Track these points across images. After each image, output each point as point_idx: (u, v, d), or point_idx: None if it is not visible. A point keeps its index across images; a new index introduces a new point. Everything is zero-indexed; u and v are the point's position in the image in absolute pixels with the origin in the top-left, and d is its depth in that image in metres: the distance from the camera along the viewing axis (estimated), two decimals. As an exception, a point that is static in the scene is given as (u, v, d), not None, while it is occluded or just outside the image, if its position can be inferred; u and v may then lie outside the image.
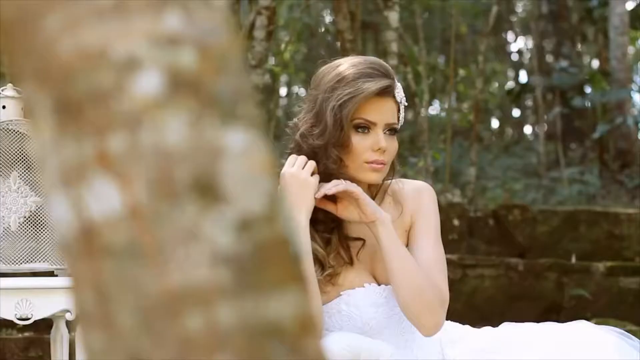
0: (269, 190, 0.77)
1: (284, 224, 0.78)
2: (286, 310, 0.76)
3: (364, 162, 2.13)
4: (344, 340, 2.10)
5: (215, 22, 0.79)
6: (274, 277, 0.76)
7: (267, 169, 0.78)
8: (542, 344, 2.29)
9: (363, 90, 2.10)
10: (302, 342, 0.76)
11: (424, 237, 2.22)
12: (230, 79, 0.78)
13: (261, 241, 0.76)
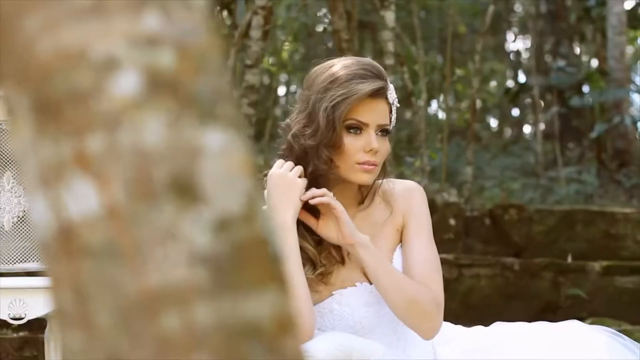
0: (247, 190, 0.77)
1: (262, 224, 0.78)
2: (264, 310, 0.76)
3: (356, 163, 2.14)
4: (336, 340, 2.10)
5: (195, 23, 0.79)
6: (252, 277, 0.76)
7: (246, 169, 0.78)
8: (534, 344, 2.29)
9: (356, 91, 2.11)
10: (281, 342, 0.77)
11: (416, 237, 2.22)
12: (209, 79, 0.78)
13: (239, 241, 0.76)
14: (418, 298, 2.12)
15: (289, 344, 0.77)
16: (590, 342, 2.30)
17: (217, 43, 0.80)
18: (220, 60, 0.80)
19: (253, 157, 0.80)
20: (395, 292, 2.11)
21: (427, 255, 2.21)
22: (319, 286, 2.22)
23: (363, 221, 2.25)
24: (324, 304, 2.22)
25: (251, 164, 0.79)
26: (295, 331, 0.78)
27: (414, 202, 2.25)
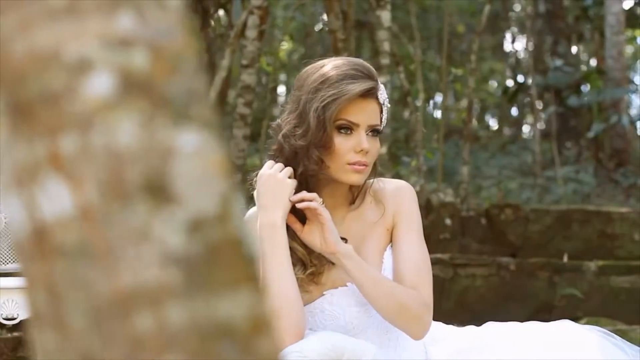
0: (221, 190, 0.78)
1: (237, 224, 0.78)
2: (238, 311, 0.76)
3: (346, 163, 2.14)
4: (327, 340, 2.10)
5: (169, 23, 0.79)
6: (225, 278, 0.76)
7: (220, 169, 0.78)
8: (525, 344, 2.30)
9: (346, 91, 2.11)
10: (254, 342, 0.77)
11: (406, 237, 2.22)
12: (183, 80, 0.78)
13: (213, 242, 0.76)
14: (406, 303, 2.12)
15: (264, 344, 0.77)
16: (582, 341, 2.30)
17: (192, 44, 0.80)
18: (196, 61, 0.81)
19: (228, 158, 0.80)
20: (383, 300, 2.12)
21: (416, 256, 2.21)
22: (310, 286, 2.22)
23: (354, 221, 2.25)
24: (315, 304, 2.23)
25: (226, 164, 0.79)
26: (270, 331, 0.78)
27: (404, 201, 2.25)
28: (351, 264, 2.12)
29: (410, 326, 2.15)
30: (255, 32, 4.89)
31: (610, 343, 2.38)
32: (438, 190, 5.57)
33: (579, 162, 10.34)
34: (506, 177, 10.02)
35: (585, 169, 9.82)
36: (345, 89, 2.11)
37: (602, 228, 5.46)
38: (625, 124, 9.37)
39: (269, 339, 0.78)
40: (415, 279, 2.17)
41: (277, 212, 2.12)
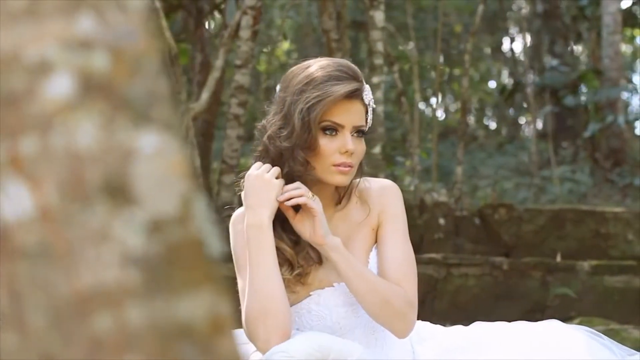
0: (182, 192, 0.78)
1: (198, 225, 0.79)
2: (198, 311, 0.76)
3: (331, 164, 2.14)
4: (313, 339, 2.10)
5: (131, 26, 0.79)
6: (185, 278, 0.77)
7: (181, 170, 0.79)
8: (513, 344, 2.30)
9: (331, 93, 2.11)
10: (214, 342, 0.77)
11: (391, 236, 2.23)
12: (144, 82, 0.79)
13: (173, 242, 0.77)
14: (391, 299, 2.13)
15: (224, 345, 0.78)
16: (569, 341, 2.31)
17: (154, 46, 0.81)
18: (158, 63, 0.81)
19: (189, 159, 0.80)
20: (368, 294, 2.12)
21: (401, 254, 2.21)
22: (297, 286, 2.23)
23: (340, 222, 2.26)
24: (301, 305, 2.23)
25: (187, 166, 0.80)
26: (230, 331, 0.79)
27: (389, 200, 2.26)
28: (338, 257, 2.12)
29: (394, 323, 2.15)
30: (249, 33, 4.90)
31: (597, 343, 2.39)
32: (432, 190, 5.57)
33: (576, 162, 10.35)
34: (502, 177, 10.02)
35: (582, 169, 9.83)
36: (330, 90, 2.12)
37: (596, 228, 5.46)
38: (621, 124, 9.37)
39: (229, 339, 0.78)
40: (400, 277, 2.18)
41: (264, 212, 2.12)
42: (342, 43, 5.28)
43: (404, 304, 2.15)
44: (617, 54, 9.92)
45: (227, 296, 0.80)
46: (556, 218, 5.42)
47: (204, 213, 0.81)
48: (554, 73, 10.83)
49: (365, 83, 2.22)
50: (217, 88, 5.36)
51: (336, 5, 5.21)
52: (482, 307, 4.78)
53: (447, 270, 4.77)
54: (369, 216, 2.25)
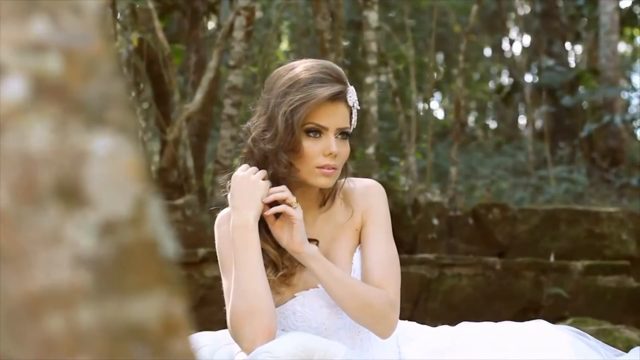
0: (136, 193, 0.78)
1: (152, 227, 0.79)
2: (150, 313, 0.77)
3: (315, 167, 2.15)
4: (297, 340, 2.11)
5: (85, 28, 0.80)
6: (138, 280, 0.77)
7: (135, 173, 0.79)
8: (499, 344, 2.31)
9: (314, 95, 2.11)
10: (167, 343, 0.77)
11: (374, 236, 2.23)
12: (98, 85, 0.79)
13: (126, 244, 0.77)
14: (371, 302, 2.14)
15: (177, 346, 0.78)
16: (556, 342, 2.32)
17: (109, 48, 0.81)
18: (113, 66, 0.81)
19: (144, 161, 0.81)
20: (348, 299, 2.13)
21: (383, 254, 2.22)
22: (282, 287, 2.23)
23: (324, 223, 2.26)
24: (286, 306, 2.24)
25: (141, 168, 0.80)
26: (184, 333, 0.79)
27: (373, 200, 2.26)
28: (316, 265, 2.13)
29: (375, 325, 2.16)
30: (242, 33, 4.90)
31: (583, 343, 2.39)
32: (426, 190, 5.57)
33: (573, 162, 10.35)
34: (500, 177, 10.02)
35: (579, 169, 9.83)
36: (314, 93, 2.12)
37: (590, 228, 5.46)
38: (618, 124, 9.36)
39: (183, 340, 0.79)
40: (382, 277, 2.18)
41: (250, 213, 2.13)
42: (336, 44, 5.28)
43: (385, 305, 2.15)
44: (614, 53, 9.92)
45: (182, 297, 0.80)
46: (550, 218, 5.42)
47: (159, 215, 0.81)
48: (551, 73, 10.83)
49: (350, 85, 2.22)
50: (212, 89, 5.36)
51: (330, 5, 5.21)
52: (475, 307, 4.78)
53: (440, 270, 4.77)
54: (352, 217, 2.25)
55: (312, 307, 2.23)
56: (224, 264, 2.22)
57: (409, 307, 4.71)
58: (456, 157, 5.74)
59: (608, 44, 9.84)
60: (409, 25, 7.60)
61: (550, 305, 4.92)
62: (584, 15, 11.12)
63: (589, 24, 11.22)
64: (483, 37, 15.65)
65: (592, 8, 10.75)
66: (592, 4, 10.71)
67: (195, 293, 4.37)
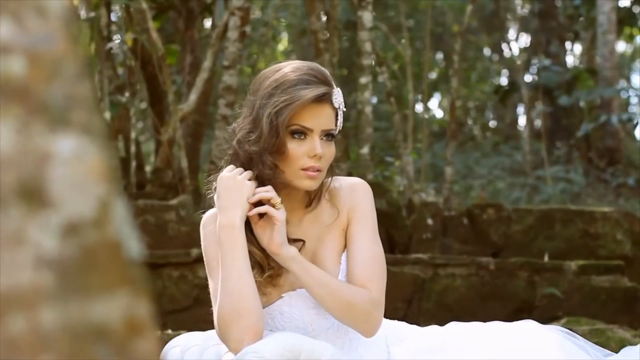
0: (99, 195, 0.79)
1: (116, 228, 0.80)
2: (113, 313, 0.77)
3: (300, 168, 2.15)
4: (283, 340, 2.11)
5: (49, 30, 0.80)
6: (101, 281, 0.78)
7: (99, 174, 0.80)
8: (487, 344, 2.31)
9: (299, 97, 2.12)
10: (130, 344, 0.78)
11: (359, 235, 2.23)
12: (62, 86, 0.80)
13: (89, 245, 0.77)
14: (353, 302, 2.14)
15: (141, 346, 0.79)
16: (544, 342, 2.32)
17: (74, 50, 0.82)
18: (77, 68, 0.82)
19: (109, 162, 0.81)
20: (329, 300, 2.14)
21: (367, 254, 2.22)
22: (268, 288, 2.23)
23: (311, 224, 2.26)
24: (273, 306, 2.24)
25: (105, 169, 0.80)
26: (148, 333, 0.80)
27: (357, 198, 2.26)
28: (295, 266, 2.14)
29: (358, 324, 2.17)
30: (237, 34, 4.90)
31: (572, 343, 2.39)
32: (420, 190, 5.58)
33: (570, 162, 10.36)
34: (496, 177, 10.03)
35: (576, 169, 9.84)
36: (298, 94, 2.12)
37: (585, 227, 5.46)
38: (614, 123, 9.37)
39: (147, 340, 0.79)
40: (366, 276, 2.18)
41: (236, 213, 2.13)
42: (330, 44, 5.29)
43: (368, 305, 2.16)
44: (611, 53, 9.92)
45: (146, 298, 0.81)
46: (545, 218, 5.42)
47: (123, 216, 0.82)
48: (548, 73, 10.83)
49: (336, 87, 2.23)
50: (207, 89, 5.37)
51: (324, 6, 5.21)
52: (469, 307, 4.78)
53: (434, 270, 4.77)
54: (339, 217, 2.25)
55: (298, 307, 2.23)
56: (210, 265, 2.22)
57: (402, 307, 4.71)
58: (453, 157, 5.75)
59: (605, 44, 9.85)
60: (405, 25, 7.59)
61: (544, 305, 4.92)
62: (582, 15, 11.12)
63: (587, 23, 11.21)
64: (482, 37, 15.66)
65: (590, 8, 10.75)
66: (589, 3, 10.71)
67: (188, 293, 4.37)
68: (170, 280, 4.43)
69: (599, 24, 9.93)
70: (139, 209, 4.62)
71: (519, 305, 4.90)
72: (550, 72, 10.77)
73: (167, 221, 4.60)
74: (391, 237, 5.06)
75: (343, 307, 2.14)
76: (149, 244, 4.61)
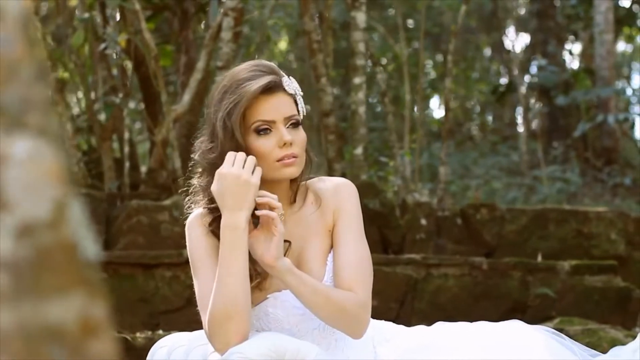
0: (55, 196, 0.79)
1: (72, 229, 0.80)
2: (68, 314, 0.78)
3: (275, 160, 2.15)
4: (268, 340, 2.11)
5: (6, 33, 0.81)
6: (56, 282, 0.78)
7: (55, 176, 0.80)
8: (473, 344, 2.31)
9: (245, 92, 2.11)
10: (85, 345, 0.78)
11: (344, 237, 2.22)
12: (19, 89, 0.80)
13: (43, 247, 0.78)
14: (344, 307, 2.14)
15: (95, 347, 0.79)
16: (530, 342, 2.32)
17: (31, 53, 0.82)
18: (35, 70, 0.82)
19: (65, 164, 0.82)
20: (323, 307, 2.13)
21: (353, 255, 2.21)
22: (254, 293, 2.23)
23: (296, 224, 2.25)
24: (259, 307, 2.24)
25: (61, 171, 0.81)
26: (103, 334, 0.80)
27: (343, 199, 2.25)
28: (291, 278, 2.12)
29: (349, 327, 2.17)
30: (230, 34, 4.91)
31: (558, 343, 2.39)
32: (414, 190, 5.59)
33: (567, 162, 10.36)
34: (493, 177, 10.03)
35: (572, 169, 9.84)
36: (244, 90, 2.12)
37: (579, 227, 5.47)
38: (610, 123, 9.37)
39: (102, 341, 0.80)
40: (351, 279, 2.18)
41: (242, 214, 2.09)
42: (324, 44, 5.30)
43: (358, 308, 2.16)
44: (608, 53, 9.92)
45: (101, 298, 0.81)
46: (539, 218, 5.42)
47: (79, 217, 0.82)
48: (546, 73, 10.84)
49: (285, 76, 2.21)
50: (201, 90, 5.37)
51: (318, 6, 5.22)
52: (461, 307, 4.79)
53: (427, 270, 4.78)
54: (323, 218, 2.25)
55: (284, 308, 2.23)
56: (196, 267, 2.22)
57: (395, 307, 4.72)
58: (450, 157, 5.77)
59: (602, 44, 9.85)
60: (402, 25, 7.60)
61: (537, 305, 4.92)
62: (580, 15, 11.13)
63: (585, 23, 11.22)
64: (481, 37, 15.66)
65: (588, 8, 10.75)
66: (586, 3, 10.71)
67: (181, 294, 4.38)
68: (163, 280, 4.43)
69: (596, 23, 9.93)
70: (132, 210, 4.63)
71: (512, 305, 4.90)
72: (546, 72, 10.78)
73: (160, 222, 4.61)
74: (385, 237, 5.06)
75: (335, 313, 2.14)
76: (142, 244, 4.61)
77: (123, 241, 4.61)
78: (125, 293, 4.35)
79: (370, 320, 2.36)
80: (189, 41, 5.81)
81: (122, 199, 4.95)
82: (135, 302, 4.37)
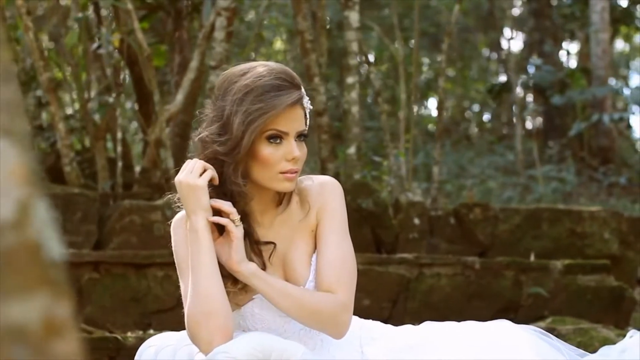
0: (18, 197, 0.80)
1: (36, 230, 0.80)
2: (31, 314, 0.78)
3: (279, 172, 2.15)
4: (254, 340, 2.11)
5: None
6: (19, 282, 0.78)
7: (20, 176, 0.80)
8: (461, 344, 2.31)
9: (274, 106, 2.10)
10: (49, 345, 0.79)
11: (328, 236, 2.22)
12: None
13: (7, 247, 0.78)
14: (319, 309, 2.14)
15: (59, 347, 0.79)
16: (517, 341, 2.32)
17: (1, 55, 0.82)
18: (2, 70, 0.82)
19: (30, 165, 0.82)
20: (295, 309, 2.14)
21: (335, 256, 2.20)
22: (240, 294, 2.23)
23: (282, 225, 2.25)
24: (245, 308, 2.24)
25: (28, 171, 0.81)
26: (68, 334, 0.80)
27: (328, 197, 2.24)
28: (256, 282, 2.14)
29: (327, 328, 2.18)
30: (223, 34, 4.91)
31: (545, 343, 2.40)
32: (407, 190, 5.59)
33: (562, 161, 10.37)
34: (489, 177, 10.03)
35: (568, 168, 9.85)
36: (272, 103, 2.10)
37: (572, 227, 5.47)
38: (606, 122, 9.38)
39: (66, 341, 0.80)
40: (332, 280, 2.18)
41: (198, 217, 2.13)
42: (318, 44, 5.30)
43: (335, 309, 2.15)
44: (604, 52, 9.93)
45: (66, 299, 0.81)
46: (532, 217, 5.42)
47: (44, 218, 0.82)
48: (541, 72, 10.85)
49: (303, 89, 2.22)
50: (194, 89, 5.37)
51: (312, 6, 5.23)
52: (454, 307, 4.79)
53: (420, 270, 4.78)
54: (308, 217, 2.24)
55: (269, 309, 2.23)
56: (181, 267, 2.23)
57: (388, 307, 4.72)
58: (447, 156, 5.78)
59: (598, 43, 9.86)
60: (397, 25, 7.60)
61: (529, 305, 4.92)
62: (576, 15, 11.13)
63: (582, 23, 11.23)
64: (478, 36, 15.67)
65: (584, 7, 10.76)
66: (582, 3, 10.72)
67: (173, 293, 4.38)
68: (155, 280, 4.44)
69: (591, 23, 9.94)
70: (125, 209, 4.63)
71: (505, 304, 4.90)
72: (542, 71, 10.78)
73: (153, 221, 4.61)
74: (378, 236, 5.06)
75: (309, 315, 2.15)
76: (134, 244, 4.62)
77: (116, 241, 4.62)
78: (117, 293, 4.35)
79: (358, 319, 2.37)
80: (183, 41, 5.82)
81: (115, 198, 4.95)
82: (127, 302, 4.38)
